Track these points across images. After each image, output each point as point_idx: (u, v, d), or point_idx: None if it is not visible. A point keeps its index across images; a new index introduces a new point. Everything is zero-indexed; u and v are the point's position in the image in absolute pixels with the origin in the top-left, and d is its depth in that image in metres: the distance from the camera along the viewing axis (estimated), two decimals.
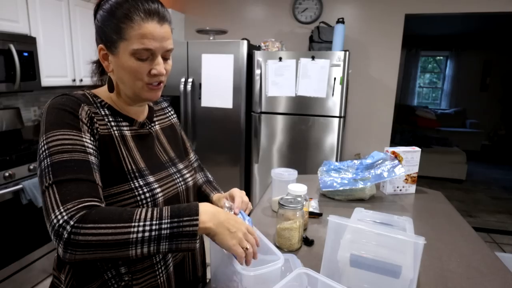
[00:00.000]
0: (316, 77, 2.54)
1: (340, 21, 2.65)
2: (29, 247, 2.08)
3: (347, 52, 2.45)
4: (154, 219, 0.57)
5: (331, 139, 2.62)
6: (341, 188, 1.35)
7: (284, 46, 2.85)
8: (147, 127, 0.81)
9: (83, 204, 0.57)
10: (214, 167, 2.90)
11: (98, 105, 0.72)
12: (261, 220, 1.18)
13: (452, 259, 0.94)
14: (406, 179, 1.47)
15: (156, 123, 0.86)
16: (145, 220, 0.57)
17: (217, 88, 2.74)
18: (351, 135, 3.33)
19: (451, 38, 6.39)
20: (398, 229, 0.78)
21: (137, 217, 0.57)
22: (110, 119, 0.72)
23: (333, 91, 2.53)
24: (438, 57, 6.90)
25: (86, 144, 0.64)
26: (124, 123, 0.75)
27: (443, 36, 6.35)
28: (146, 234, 0.56)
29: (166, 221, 0.58)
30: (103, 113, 0.71)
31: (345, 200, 1.38)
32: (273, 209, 1.26)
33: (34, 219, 2.11)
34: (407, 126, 6.07)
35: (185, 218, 0.59)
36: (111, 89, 0.74)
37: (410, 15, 3.03)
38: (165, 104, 0.95)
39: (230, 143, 2.82)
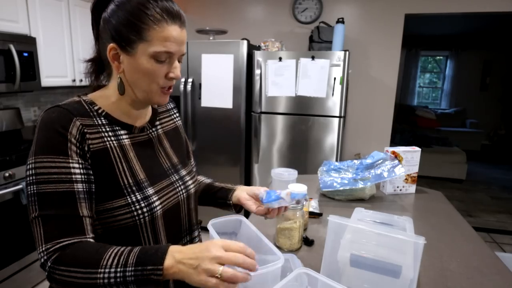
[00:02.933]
0: (316, 77, 2.54)
1: (340, 21, 2.65)
2: (29, 247, 2.08)
3: (347, 52, 2.45)
4: (119, 266, 0.58)
5: (331, 139, 2.62)
6: (341, 188, 1.35)
7: (284, 46, 2.85)
8: (147, 131, 0.78)
9: (60, 245, 0.60)
10: (214, 167, 2.90)
11: (95, 113, 0.69)
12: (261, 220, 1.18)
13: (452, 259, 0.94)
14: (406, 179, 1.47)
15: (158, 126, 0.83)
16: (110, 267, 0.58)
17: (217, 88, 2.74)
18: (351, 135, 3.33)
19: (451, 38, 6.39)
20: (398, 229, 0.78)
21: (104, 262, 0.58)
22: (107, 128, 0.70)
23: (333, 91, 2.53)
24: (438, 57, 6.90)
25: (73, 170, 0.63)
26: (122, 131, 0.72)
27: (443, 36, 6.35)
28: (112, 280, 0.57)
29: (130, 268, 0.58)
30: (99, 123, 0.69)
31: (345, 200, 1.38)
32: None
33: None
34: (407, 126, 6.07)
35: (148, 267, 0.57)
36: (122, 91, 0.70)
37: (410, 15, 3.03)
38: (171, 105, 0.92)
39: (230, 143, 2.82)
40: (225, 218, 0.83)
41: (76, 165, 0.64)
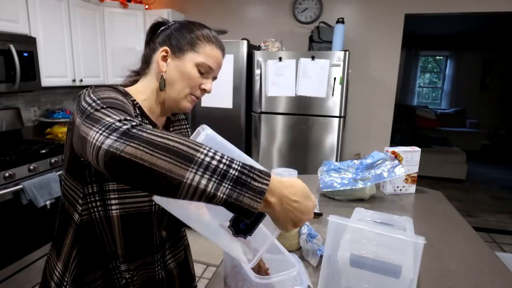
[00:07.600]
0: (316, 77, 2.54)
1: (340, 21, 2.65)
2: (29, 247, 2.08)
3: (347, 52, 2.45)
4: (225, 156, 0.49)
5: (331, 139, 2.62)
6: (341, 188, 1.35)
7: (284, 46, 2.84)
8: None
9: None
10: None
11: (131, 103, 0.72)
12: None
13: (452, 259, 0.94)
14: (406, 179, 1.47)
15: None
16: (215, 149, 0.50)
17: (217, 88, 2.74)
18: (351, 135, 3.32)
19: (451, 38, 6.38)
20: (398, 229, 0.78)
21: (203, 146, 0.49)
22: (139, 118, 0.73)
23: (333, 91, 2.52)
24: (438, 57, 6.90)
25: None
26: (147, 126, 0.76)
27: (443, 36, 6.35)
28: (214, 162, 0.47)
29: (237, 162, 0.49)
30: (134, 111, 0.72)
31: (345, 200, 1.38)
32: None
33: (34, 219, 2.11)
34: (407, 126, 6.07)
35: (256, 171, 0.50)
36: (163, 87, 0.76)
37: (410, 15, 3.03)
38: (182, 116, 0.95)
39: (230, 143, 2.82)
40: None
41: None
